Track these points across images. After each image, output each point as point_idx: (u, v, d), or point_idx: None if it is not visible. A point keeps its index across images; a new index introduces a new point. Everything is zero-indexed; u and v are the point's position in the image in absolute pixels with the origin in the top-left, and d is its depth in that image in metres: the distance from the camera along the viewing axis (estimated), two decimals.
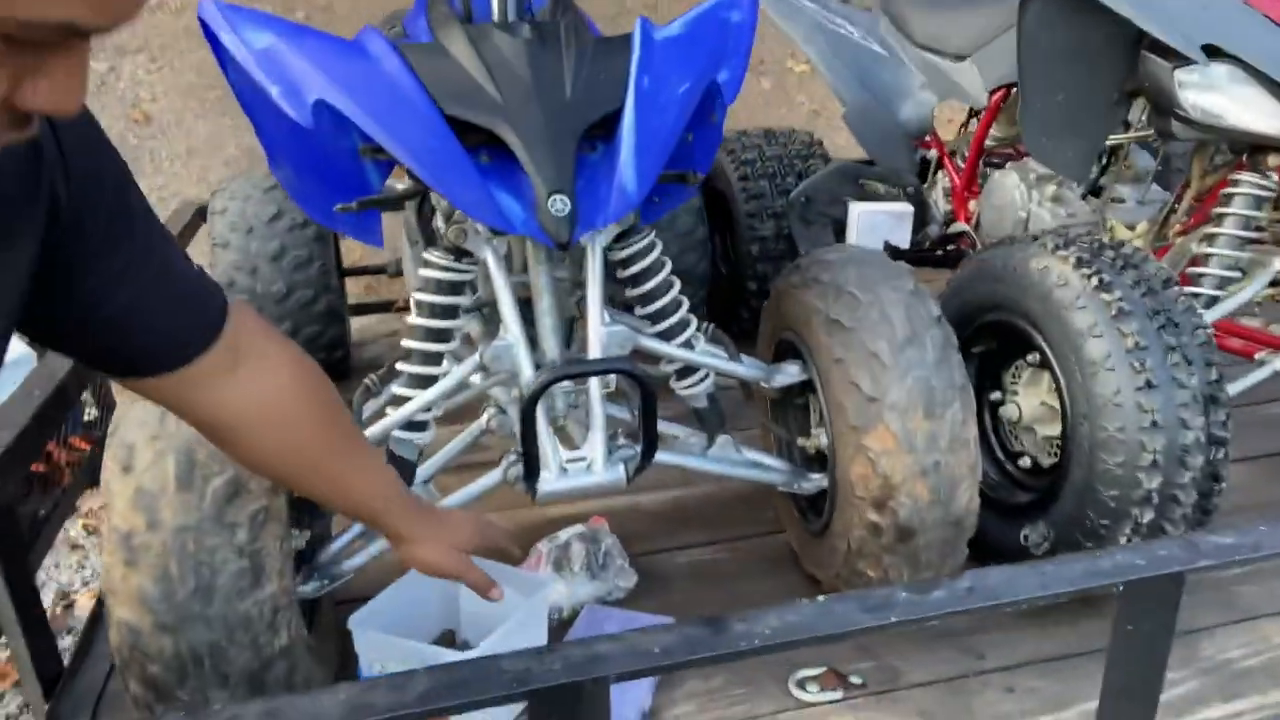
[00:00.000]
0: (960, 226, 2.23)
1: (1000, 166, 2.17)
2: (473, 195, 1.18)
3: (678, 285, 1.42)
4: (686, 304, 1.43)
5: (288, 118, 1.21)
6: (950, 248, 2.25)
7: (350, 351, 2.40)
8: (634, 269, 1.39)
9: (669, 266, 1.41)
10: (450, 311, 1.36)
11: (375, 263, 2.83)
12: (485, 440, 1.53)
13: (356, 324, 2.67)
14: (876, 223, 2.22)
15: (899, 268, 1.41)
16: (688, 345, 1.43)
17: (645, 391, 1.23)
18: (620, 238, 1.39)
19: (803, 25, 2.27)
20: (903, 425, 1.29)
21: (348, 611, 1.40)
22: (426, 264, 1.36)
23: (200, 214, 2.40)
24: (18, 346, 1.78)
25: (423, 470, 1.41)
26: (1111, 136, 1.85)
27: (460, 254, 1.35)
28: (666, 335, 1.41)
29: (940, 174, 2.35)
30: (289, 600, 1.18)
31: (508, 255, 1.45)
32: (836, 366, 1.35)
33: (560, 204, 1.18)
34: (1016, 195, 2.03)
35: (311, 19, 4.97)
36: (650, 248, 1.39)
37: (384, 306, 2.82)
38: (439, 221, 1.45)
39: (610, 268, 1.41)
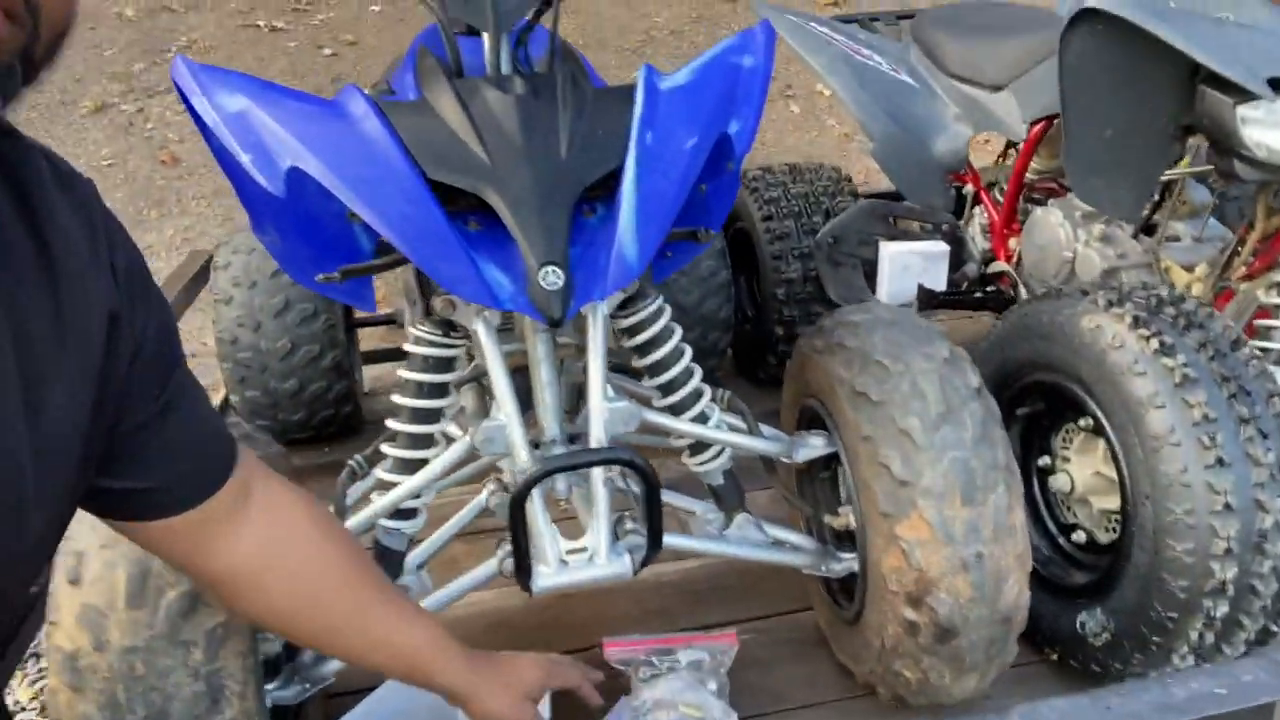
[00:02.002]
0: (1000, 266, 2.09)
1: (1041, 202, 2.03)
2: (456, 270, 1.08)
3: (689, 353, 1.30)
4: (700, 373, 1.31)
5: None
6: (990, 288, 2.10)
7: (360, 405, 2.32)
8: (641, 337, 1.27)
9: (679, 334, 1.29)
10: (440, 390, 1.26)
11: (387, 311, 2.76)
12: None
13: (370, 373, 2.59)
14: (909, 264, 2.09)
15: (931, 331, 1.28)
16: (701, 418, 1.31)
17: (648, 484, 1.11)
18: (625, 303, 1.27)
19: (825, 56, 2.15)
20: (939, 513, 1.15)
21: (340, 706, 1.30)
22: (414, 339, 1.26)
23: (209, 265, 2.34)
24: None
25: (414, 555, 1.31)
26: (1165, 172, 1.70)
27: (449, 326, 1.25)
28: (678, 408, 1.29)
29: (977, 209, 2.20)
30: None
31: (503, 323, 1.35)
32: (864, 444, 1.22)
33: (553, 277, 1.07)
34: (1061, 234, 1.88)
35: (339, 55, 4.98)
36: (658, 314, 1.28)
37: (398, 354, 2.74)
38: (414, 287, 1.35)
39: (615, 334, 1.30)
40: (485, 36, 1.26)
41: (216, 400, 2.85)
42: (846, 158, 4.89)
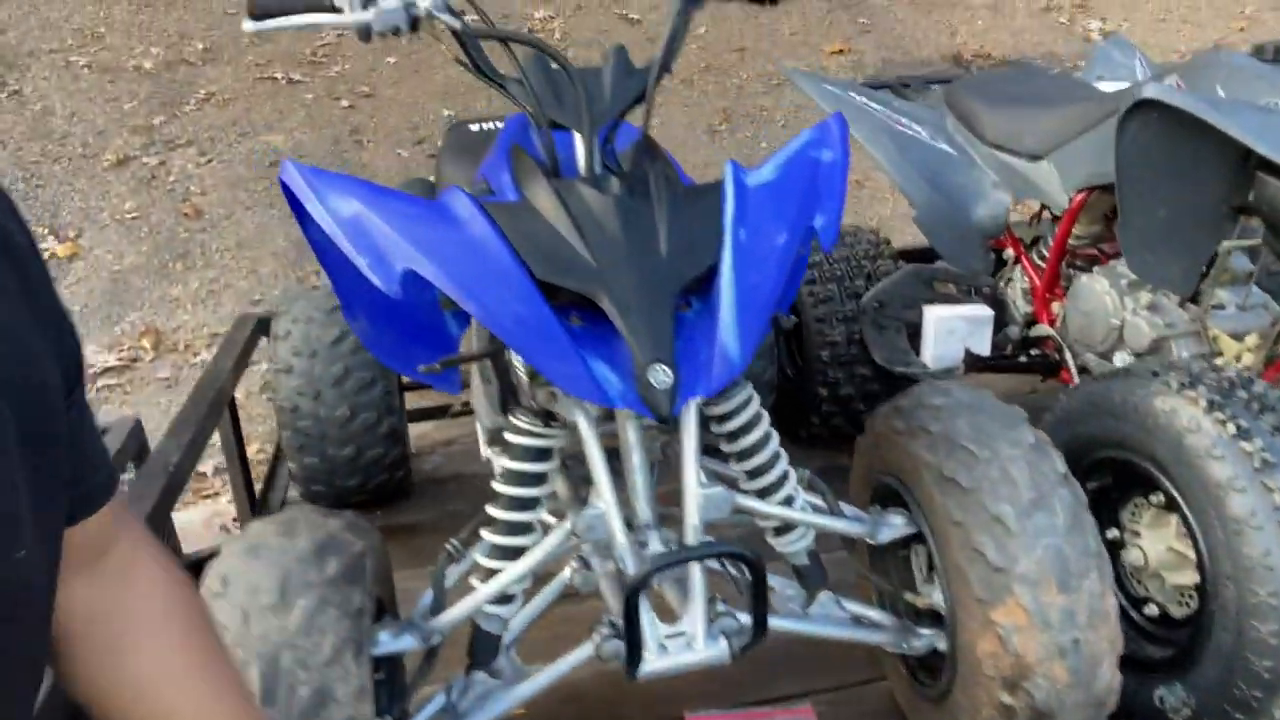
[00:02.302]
0: (1044, 329, 2.14)
1: (1084, 268, 2.08)
2: (567, 368, 1.11)
3: (776, 437, 1.34)
4: (785, 456, 1.34)
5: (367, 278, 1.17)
6: (1035, 352, 2.15)
7: (411, 467, 2.34)
8: (731, 424, 1.31)
9: (767, 418, 1.33)
10: (538, 479, 1.29)
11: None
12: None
13: (413, 431, 2.62)
14: (954, 328, 2.14)
15: (1014, 416, 1.32)
16: (788, 500, 1.34)
17: (756, 574, 1.14)
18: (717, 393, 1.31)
19: (867, 126, 2.22)
20: (1035, 599, 1.18)
21: None
22: (512, 428, 1.29)
23: (261, 328, 2.37)
24: None
25: (504, 638, 1.33)
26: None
27: (549, 417, 1.28)
28: (765, 491, 1.33)
29: (1016, 272, 2.26)
30: None
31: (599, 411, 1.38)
32: (955, 529, 1.25)
33: (662, 375, 1.10)
34: (1108, 302, 1.93)
35: (356, 106, 5.05)
36: (748, 401, 1.32)
37: (439, 411, 2.77)
38: (518, 377, 1.38)
39: (704, 420, 1.34)
40: (577, 136, 1.31)
41: (253, 453, 2.87)
42: (854, 203, 4.97)
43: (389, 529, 2.19)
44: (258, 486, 2.36)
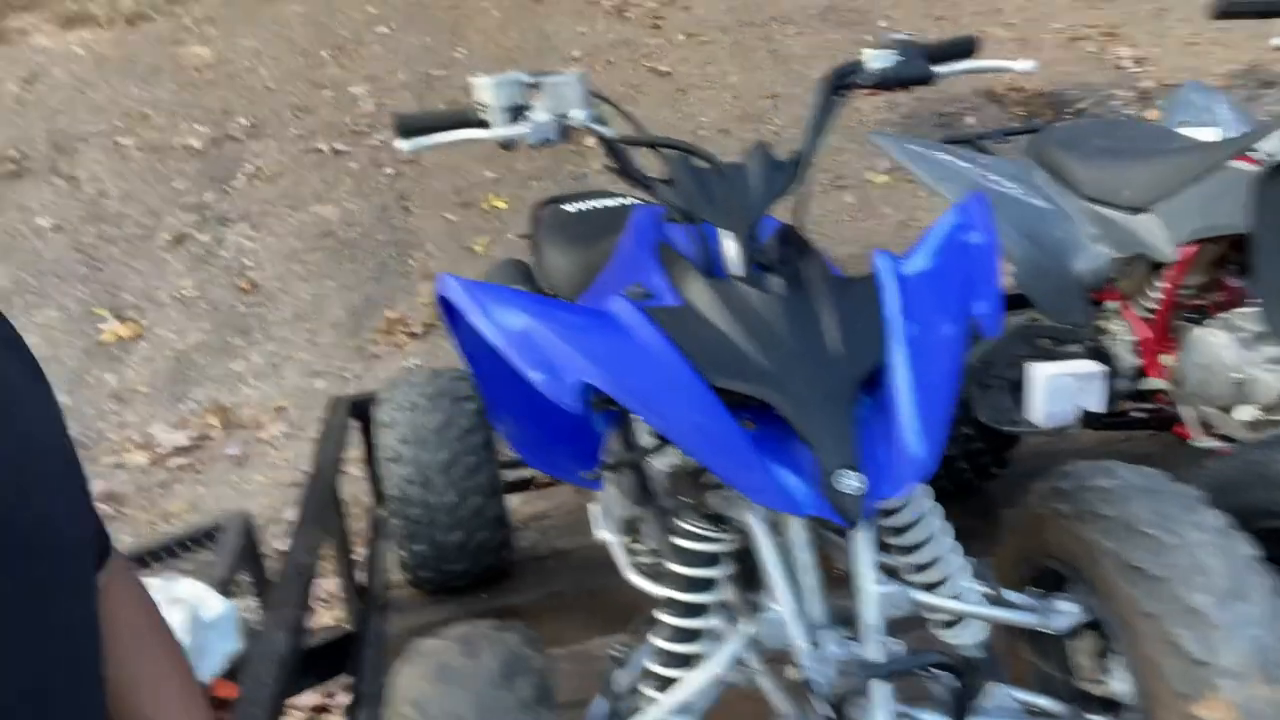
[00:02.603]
0: (1155, 383, 2.11)
1: (1194, 318, 2.06)
2: (754, 478, 1.10)
3: (950, 531, 1.31)
4: (960, 549, 1.32)
5: (519, 379, 1.16)
6: (1149, 406, 2.12)
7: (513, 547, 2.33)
8: (902, 518, 1.29)
9: (940, 512, 1.30)
10: (708, 585, 1.27)
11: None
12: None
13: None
14: (1063, 385, 2.11)
15: (1192, 497, 1.29)
16: (959, 593, 1.31)
17: (965, 682, 1.11)
18: None
19: (957, 184, 2.21)
20: (1242, 694, 1.14)
21: None
22: (682, 533, 1.27)
23: (352, 410, 2.37)
24: (212, 601, 1.72)
25: None
26: None
27: (720, 520, 1.26)
28: (937, 585, 1.30)
29: (1120, 325, 2.23)
30: None
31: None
32: (1145, 620, 1.22)
33: (850, 481, 1.09)
34: (1227, 355, 1.90)
35: (401, 173, 5.11)
36: (921, 495, 1.29)
37: (524, 485, 2.76)
38: (679, 479, 1.36)
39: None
40: (724, 233, 1.30)
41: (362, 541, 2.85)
42: (904, 245, 4.97)
43: (497, 612, 2.18)
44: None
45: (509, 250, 4.72)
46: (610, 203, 2.19)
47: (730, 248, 1.29)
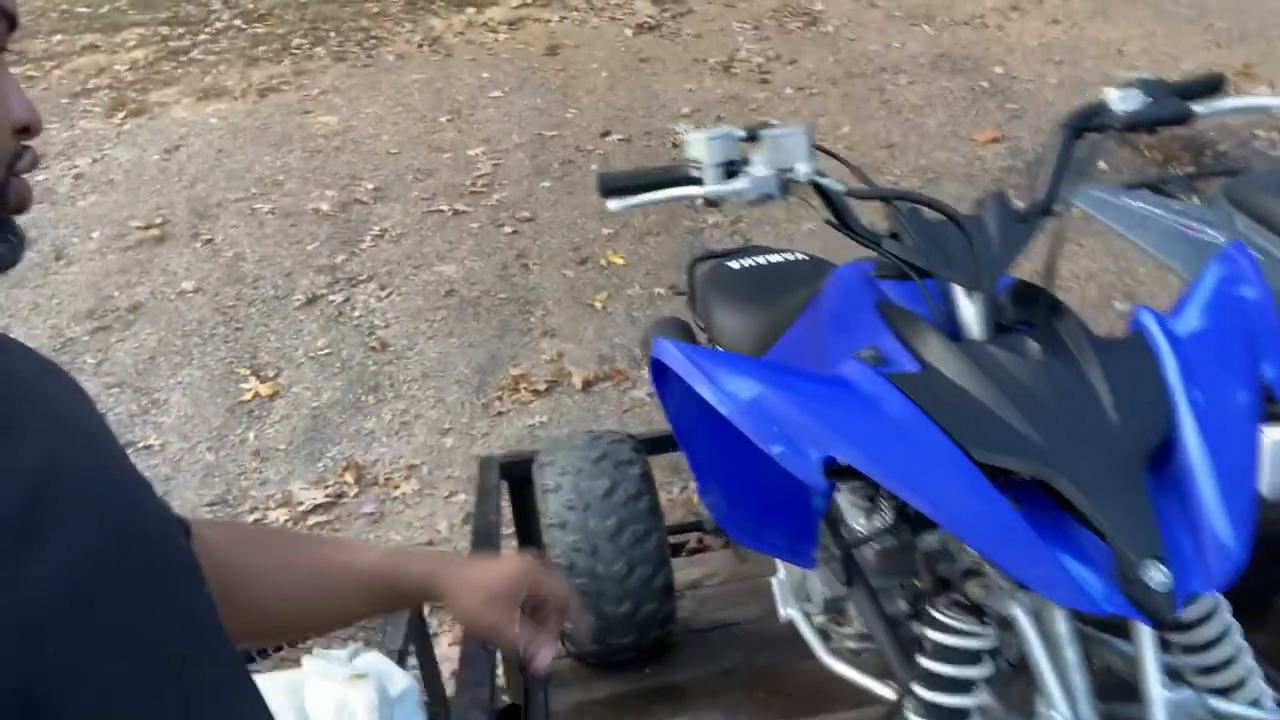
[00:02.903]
0: None
1: None
2: (1045, 571, 0.98)
3: (1239, 630, 1.16)
4: (1250, 650, 1.16)
5: (732, 450, 1.08)
6: None
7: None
8: (1190, 615, 1.14)
9: (1227, 607, 1.16)
10: (967, 685, 1.15)
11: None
12: None
13: None
14: None
15: None
16: (1252, 697, 1.15)
17: None
18: None
19: (1153, 233, 2.07)
20: None
21: None
22: (937, 624, 1.16)
23: (501, 472, 2.33)
24: (397, 676, 1.66)
25: None
26: None
27: (977, 612, 1.15)
28: (1228, 688, 1.14)
29: None
30: None
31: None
32: None
33: (1159, 575, 0.96)
34: None
35: (519, 231, 5.18)
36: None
37: (677, 551, 2.66)
38: (935, 566, 1.25)
39: None
40: (961, 291, 1.21)
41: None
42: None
43: (663, 691, 2.07)
44: None
45: (629, 305, 4.70)
46: (774, 258, 2.11)
47: (971, 308, 1.20)
